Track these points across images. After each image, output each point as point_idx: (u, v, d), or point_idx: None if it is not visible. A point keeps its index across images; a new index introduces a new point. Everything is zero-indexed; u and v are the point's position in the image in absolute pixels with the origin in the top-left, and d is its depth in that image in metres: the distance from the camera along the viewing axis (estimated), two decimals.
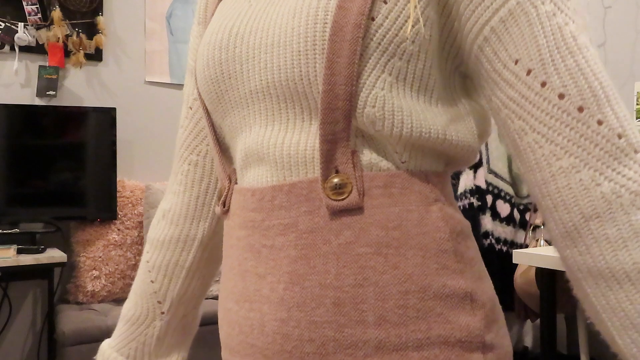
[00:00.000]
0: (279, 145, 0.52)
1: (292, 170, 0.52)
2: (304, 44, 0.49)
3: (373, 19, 0.48)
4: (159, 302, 0.69)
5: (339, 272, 0.49)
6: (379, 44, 0.48)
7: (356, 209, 0.50)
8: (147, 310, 0.69)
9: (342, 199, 0.49)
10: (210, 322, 2.35)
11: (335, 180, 0.50)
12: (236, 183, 0.59)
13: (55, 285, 2.38)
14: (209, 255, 0.71)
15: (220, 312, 0.59)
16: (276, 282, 0.51)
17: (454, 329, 0.49)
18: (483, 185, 1.96)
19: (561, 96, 0.46)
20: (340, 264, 0.49)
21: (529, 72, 0.47)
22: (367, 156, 0.51)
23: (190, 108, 0.69)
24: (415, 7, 0.48)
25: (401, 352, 0.48)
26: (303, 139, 0.51)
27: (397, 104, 0.49)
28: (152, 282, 0.69)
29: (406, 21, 0.48)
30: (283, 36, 0.50)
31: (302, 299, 0.49)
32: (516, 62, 0.48)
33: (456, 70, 0.54)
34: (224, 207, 0.58)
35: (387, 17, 0.48)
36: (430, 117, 0.51)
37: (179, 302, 0.70)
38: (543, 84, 0.46)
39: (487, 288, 0.53)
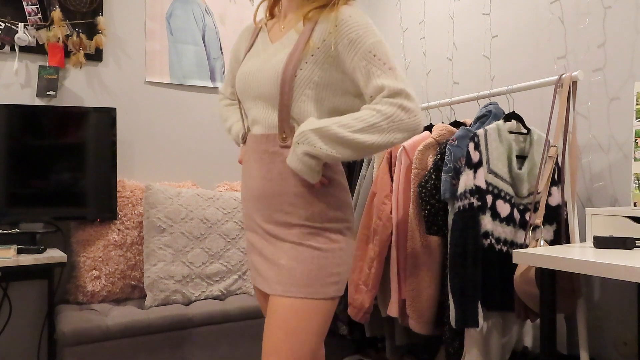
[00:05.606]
0: (264, 119, 1.32)
1: (269, 129, 1.32)
2: (274, 82, 1.27)
3: (301, 69, 1.26)
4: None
5: (282, 170, 1.29)
6: (301, 82, 1.26)
7: (288, 147, 1.28)
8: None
9: (285, 143, 1.28)
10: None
11: (284, 135, 1.28)
12: (249, 130, 1.39)
13: (55, 285, 2.38)
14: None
15: (242, 183, 1.41)
16: (265, 171, 1.32)
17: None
18: (483, 186, 1.96)
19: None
20: (283, 167, 1.28)
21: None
22: (296, 127, 1.28)
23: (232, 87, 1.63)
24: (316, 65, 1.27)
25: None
26: (271, 117, 1.30)
27: (307, 108, 1.28)
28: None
29: (313, 72, 1.26)
30: (266, 78, 1.29)
31: (270, 178, 1.31)
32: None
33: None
34: (243, 141, 1.43)
35: (305, 70, 1.26)
36: (317, 115, 1.29)
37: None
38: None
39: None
